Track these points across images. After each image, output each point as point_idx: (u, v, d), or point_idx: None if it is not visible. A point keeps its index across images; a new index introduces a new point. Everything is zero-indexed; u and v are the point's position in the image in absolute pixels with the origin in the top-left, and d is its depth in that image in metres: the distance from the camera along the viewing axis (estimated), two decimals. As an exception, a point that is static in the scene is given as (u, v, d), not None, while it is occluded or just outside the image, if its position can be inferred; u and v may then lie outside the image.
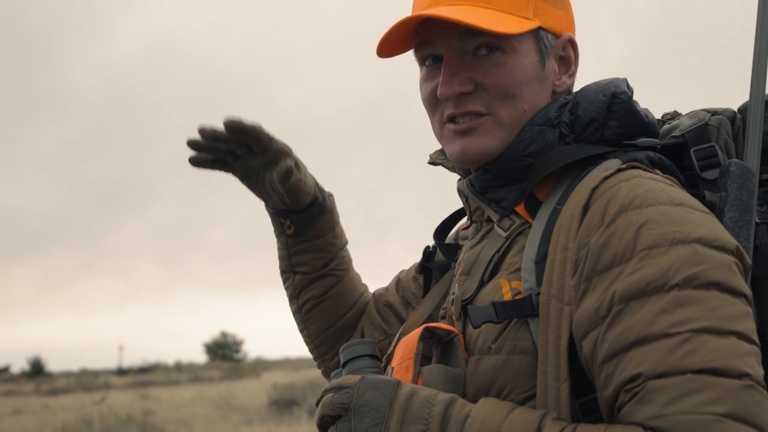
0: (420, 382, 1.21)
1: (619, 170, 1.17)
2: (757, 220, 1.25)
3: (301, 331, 1.71)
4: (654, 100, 1.45)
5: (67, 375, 45.43)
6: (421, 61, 1.34)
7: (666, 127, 1.40)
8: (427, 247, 1.59)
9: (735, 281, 1.06)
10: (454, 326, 1.30)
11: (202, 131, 1.43)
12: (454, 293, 1.35)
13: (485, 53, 1.27)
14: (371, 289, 1.75)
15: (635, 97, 1.30)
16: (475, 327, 1.20)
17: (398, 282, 1.69)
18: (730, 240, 1.10)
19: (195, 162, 1.48)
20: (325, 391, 1.17)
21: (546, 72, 1.31)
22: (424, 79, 1.34)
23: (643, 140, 1.29)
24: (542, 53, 1.30)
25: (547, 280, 1.14)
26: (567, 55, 1.34)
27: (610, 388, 1.05)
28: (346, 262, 1.69)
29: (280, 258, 1.67)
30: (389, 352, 1.34)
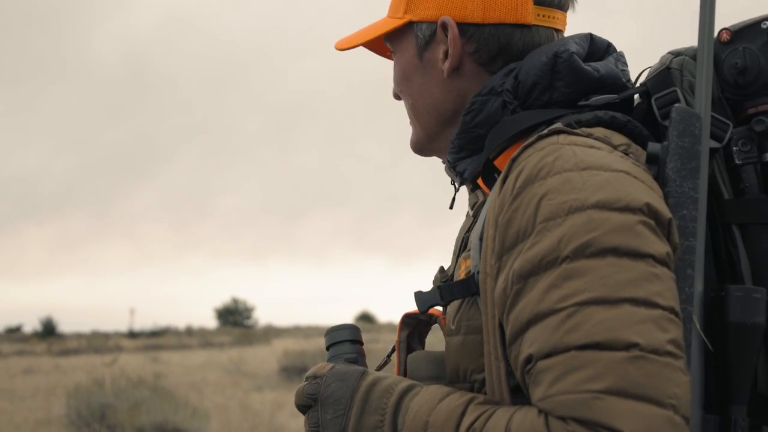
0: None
1: (540, 137, 1.09)
2: (739, 162, 1.15)
3: None
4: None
5: (79, 336, 45.93)
6: None
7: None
8: None
9: (637, 243, 0.98)
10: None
11: None
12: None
13: None
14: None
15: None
16: (421, 312, 1.21)
17: None
18: (637, 198, 1.01)
19: None
20: (306, 378, 1.20)
21: (427, 62, 1.30)
22: None
23: (597, 98, 1.19)
24: (418, 46, 1.30)
25: (483, 258, 1.10)
26: (444, 38, 1.28)
27: (518, 371, 1.02)
28: None
29: None
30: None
